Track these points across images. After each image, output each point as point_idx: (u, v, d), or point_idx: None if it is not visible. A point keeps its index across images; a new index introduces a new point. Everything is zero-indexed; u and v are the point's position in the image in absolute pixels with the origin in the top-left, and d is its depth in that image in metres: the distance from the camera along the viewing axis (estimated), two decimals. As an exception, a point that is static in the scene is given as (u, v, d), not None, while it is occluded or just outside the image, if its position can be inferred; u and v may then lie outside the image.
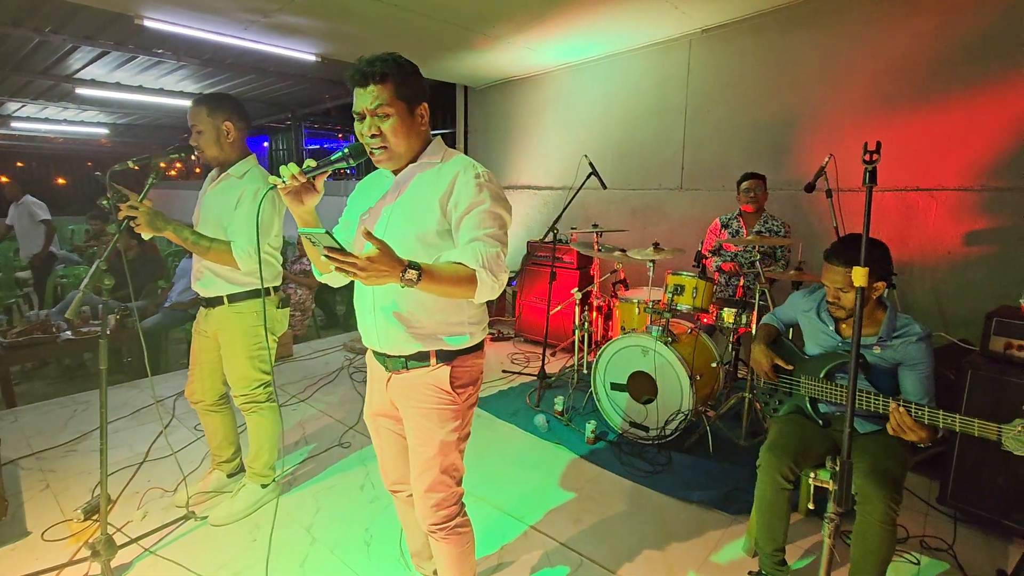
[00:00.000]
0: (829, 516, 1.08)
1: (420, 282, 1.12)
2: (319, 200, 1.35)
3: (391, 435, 1.59)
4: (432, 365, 1.42)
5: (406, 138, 1.35)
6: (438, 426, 1.43)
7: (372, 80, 1.29)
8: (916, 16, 3.32)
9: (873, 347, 1.78)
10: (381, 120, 1.31)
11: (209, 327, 2.20)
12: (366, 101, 1.30)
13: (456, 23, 4.01)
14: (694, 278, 3.04)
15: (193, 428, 3.09)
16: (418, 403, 1.44)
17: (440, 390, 1.42)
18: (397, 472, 1.64)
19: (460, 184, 1.33)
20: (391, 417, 1.56)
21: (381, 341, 1.43)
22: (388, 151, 1.34)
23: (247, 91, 7.59)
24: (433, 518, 1.47)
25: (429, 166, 1.40)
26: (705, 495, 2.43)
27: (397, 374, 1.46)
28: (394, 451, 1.61)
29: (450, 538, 1.50)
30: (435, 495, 1.46)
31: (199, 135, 2.06)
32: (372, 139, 1.32)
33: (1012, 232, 3.12)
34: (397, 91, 1.31)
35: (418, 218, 1.35)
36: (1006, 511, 2.12)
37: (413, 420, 1.46)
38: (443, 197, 1.33)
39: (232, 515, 2.24)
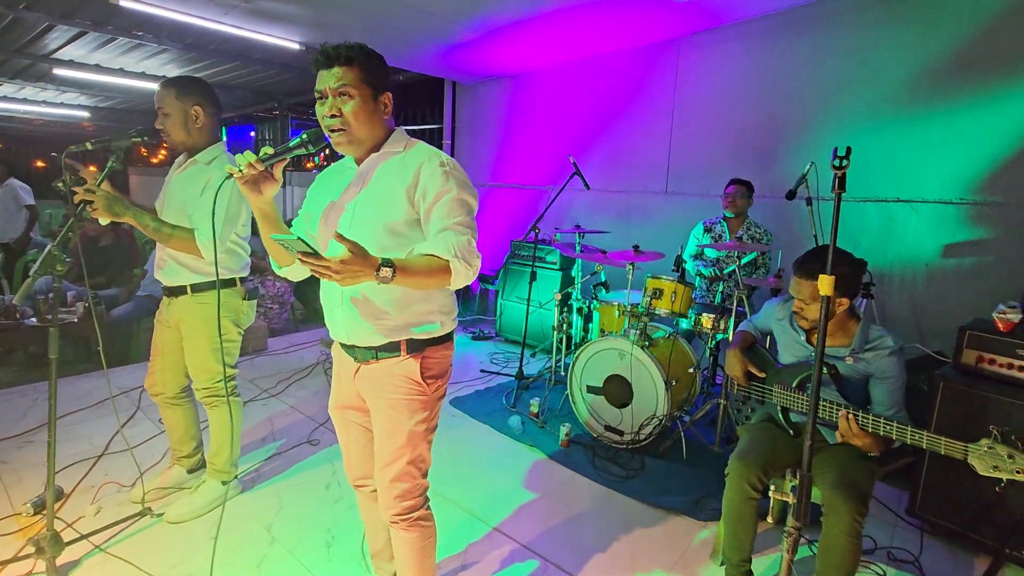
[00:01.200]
0: (787, 530, 1.06)
1: (395, 278, 1.13)
2: (277, 190, 1.31)
3: (357, 428, 1.57)
4: (402, 356, 1.41)
5: (367, 123, 1.33)
6: (407, 417, 1.42)
7: (337, 62, 1.28)
8: (898, 27, 3.33)
9: (845, 358, 1.77)
10: (342, 102, 1.29)
11: (171, 317, 2.13)
12: (329, 81, 1.28)
13: (443, 16, 3.95)
14: (673, 282, 3.02)
15: (157, 421, 3.00)
16: (387, 394, 1.42)
17: (410, 380, 1.41)
18: (362, 467, 1.61)
19: (426, 174, 1.32)
20: (358, 409, 1.54)
21: (350, 334, 1.41)
22: (347, 134, 1.31)
23: (232, 79, 7.43)
24: (396, 508, 1.45)
25: (392, 155, 1.38)
26: (676, 501, 2.41)
27: (367, 364, 1.44)
28: (360, 444, 1.59)
29: (412, 529, 1.48)
30: (400, 485, 1.44)
31: (165, 117, 1.99)
32: (331, 119, 1.30)
33: (989, 246, 3.14)
34: (362, 75, 1.30)
35: (385, 209, 1.33)
36: (972, 524, 2.12)
37: (381, 411, 1.44)
38: (409, 188, 1.32)
39: (190, 512, 2.17)
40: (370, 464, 1.59)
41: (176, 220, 1.98)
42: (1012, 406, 2.02)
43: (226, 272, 2.09)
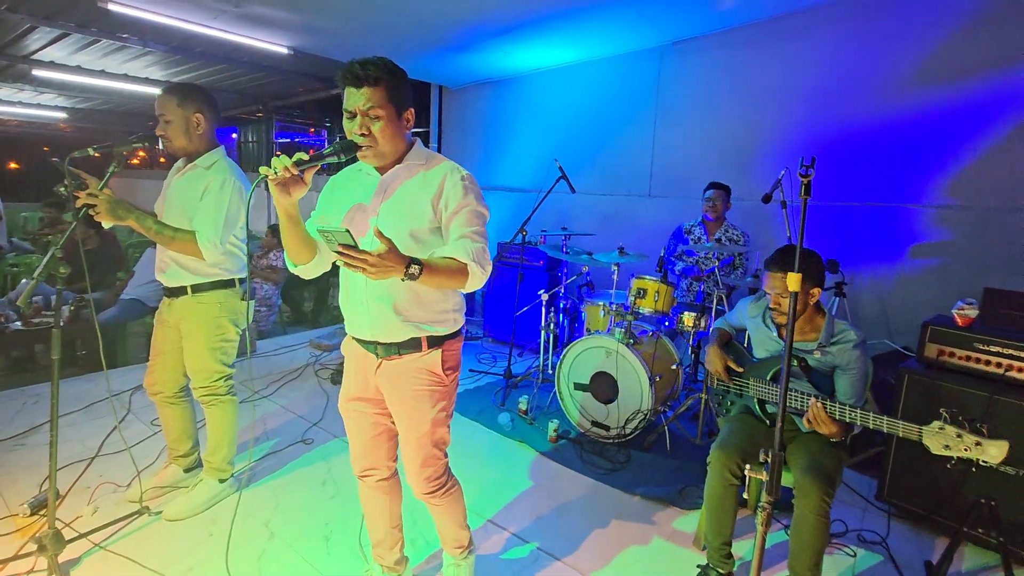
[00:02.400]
0: (762, 505, 1.16)
1: (421, 276, 1.25)
2: (305, 193, 1.40)
3: (367, 420, 1.65)
4: (424, 351, 1.53)
5: (393, 140, 1.42)
6: (430, 406, 1.56)
7: (367, 83, 1.36)
8: (868, 40, 3.50)
9: (814, 352, 1.89)
10: (372, 121, 1.38)
11: (171, 317, 2.18)
12: (359, 101, 1.36)
13: (432, 22, 4.04)
14: (656, 282, 3.14)
15: (150, 423, 3.03)
16: (411, 387, 1.55)
17: (432, 374, 1.55)
18: (369, 458, 1.69)
19: (448, 186, 1.45)
20: (372, 402, 1.63)
21: (374, 331, 1.51)
22: (375, 150, 1.41)
23: (216, 81, 7.42)
24: (427, 488, 1.63)
25: (415, 169, 1.49)
26: (661, 491, 2.52)
27: (389, 360, 1.54)
28: (368, 437, 1.67)
29: (443, 500, 1.68)
30: (428, 469, 1.62)
31: (167, 124, 2.04)
32: (361, 138, 1.39)
33: (951, 247, 3.32)
34: (388, 95, 1.38)
35: (411, 216, 1.45)
36: (935, 507, 2.27)
37: (405, 403, 1.56)
38: (434, 197, 1.45)
39: (188, 510, 2.21)
40: (376, 455, 1.69)
41: (177, 223, 2.03)
42: (969, 395, 2.17)
43: (225, 273, 2.14)
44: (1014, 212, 3.11)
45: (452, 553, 1.83)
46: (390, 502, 1.76)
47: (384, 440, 1.68)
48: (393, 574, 1.82)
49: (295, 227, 1.43)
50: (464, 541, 1.82)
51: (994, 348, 2.18)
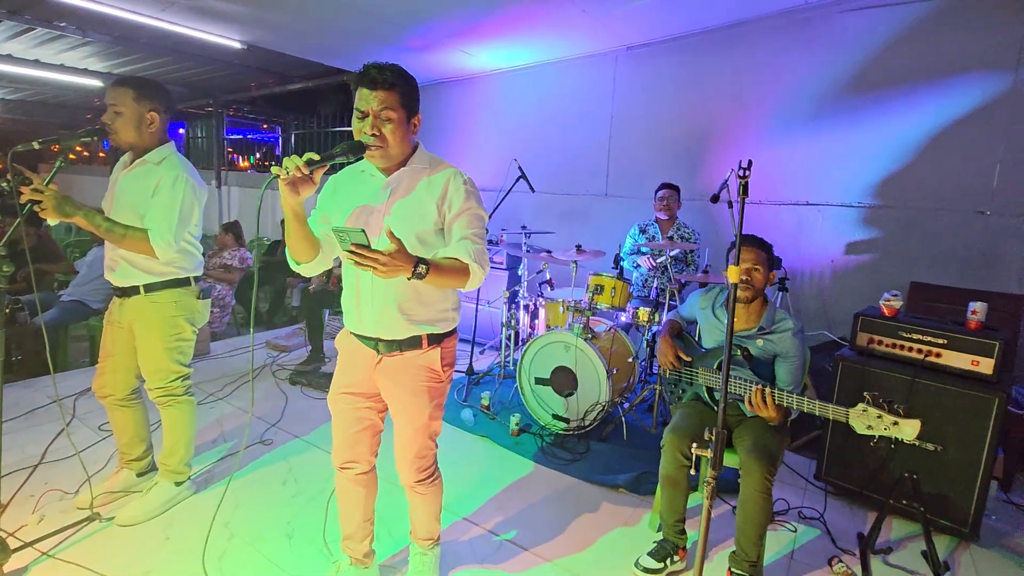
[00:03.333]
0: (707, 480, 1.26)
1: (428, 276, 1.31)
2: (312, 192, 1.43)
3: (355, 414, 1.69)
4: (424, 348, 1.60)
5: (401, 143, 1.49)
6: (427, 401, 1.63)
7: (382, 86, 1.41)
8: (805, 51, 3.74)
9: (756, 339, 2.03)
10: (383, 123, 1.44)
11: (123, 317, 2.12)
12: (372, 103, 1.42)
13: (389, 20, 4.03)
14: (613, 279, 3.25)
15: (97, 428, 2.92)
16: (410, 382, 1.61)
17: (431, 370, 1.62)
18: (352, 451, 1.73)
19: (452, 190, 1.53)
20: (362, 396, 1.67)
21: (376, 328, 1.56)
22: (384, 151, 1.46)
23: (162, 73, 7.12)
24: (419, 476, 1.71)
25: (420, 172, 1.55)
26: (618, 478, 2.63)
27: (390, 356, 1.60)
28: (356, 429, 1.70)
29: (429, 489, 1.75)
30: (420, 460, 1.70)
31: (117, 116, 1.97)
32: (372, 138, 1.43)
33: (881, 244, 3.59)
34: (401, 99, 1.45)
35: (418, 218, 1.51)
36: (866, 483, 2.46)
37: (404, 398, 1.63)
38: (438, 200, 1.52)
39: (143, 514, 2.16)
40: (359, 449, 1.72)
41: (127, 220, 1.97)
42: (895, 379, 2.37)
43: (180, 271, 2.10)
44: (936, 211, 3.39)
45: (421, 544, 1.88)
46: (366, 495, 1.79)
47: (369, 435, 1.72)
48: (361, 567, 1.85)
49: (301, 226, 1.46)
50: (435, 534, 1.89)
51: (915, 336, 2.38)
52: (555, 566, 2.04)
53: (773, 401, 1.83)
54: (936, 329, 2.35)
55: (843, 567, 2.04)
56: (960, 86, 3.26)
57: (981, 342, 2.25)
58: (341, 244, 1.23)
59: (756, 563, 1.86)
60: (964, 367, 2.27)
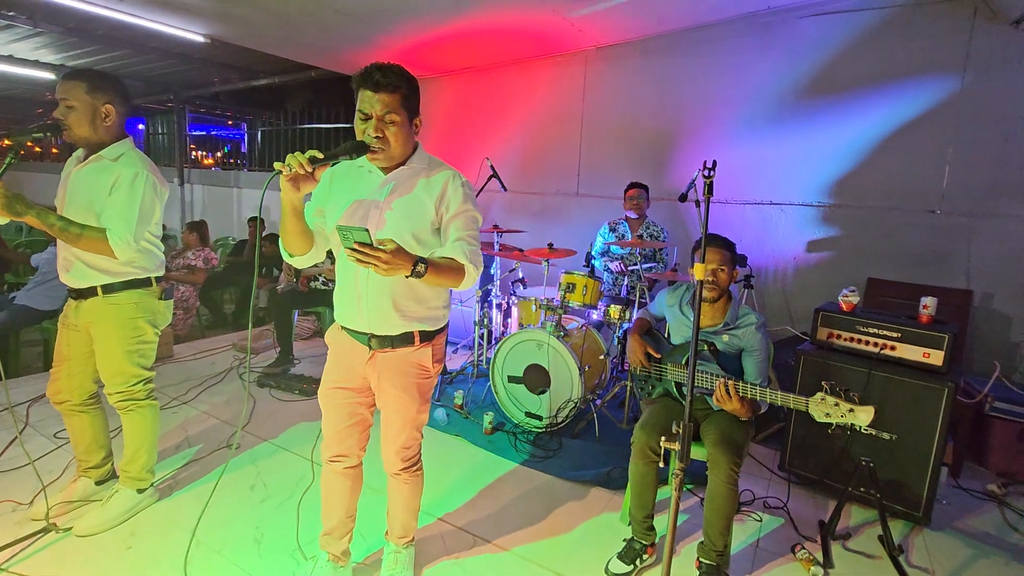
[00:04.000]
0: (675, 472, 1.29)
1: (426, 274, 1.35)
2: (313, 188, 1.45)
3: (346, 408, 1.70)
4: (416, 345, 1.64)
5: (404, 143, 1.51)
6: (417, 395, 1.67)
7: (386, 89, 1.43)
8: (768, 54, 3.85)
9: (722, 334, 2.09)
10: (387, 125, 1.46)
11: (80, 320, 2.04)
12: (376, 106, 1.43)
13: (357, 17, 3.98)
14: (584, 277, 3.28)
15: (53, 436, 2.80)
16: (401, 378, 1.64)
17: (422, 367, 1.67)
18: (342, 444, 1.74)
19: (451, 191, 1.56)
20: (355, 391, 1.69)
21: (370, 324, 1.59)
22: (387, 152, 1.48)
23: (119, 67, 6.85)
24: (404, 465, 1.76)
25: (419, 172, 1.57)
26: (590, 474, 2.66)
27: (382, 352, 1.62)
28: (345, 425, 1.72)
29: (412, 478, 1.79)
30: (407, 449, 1.75)
31: (69, 110, 1.89)
32: (376, 140, 1.45)
33: (840, 242, 3.72)
34: (404, 101, 1.47)
35: (415, 218, 1.53)
36: (827, 473, 2.55)
37: (394, 392, 1.65)
38: (436, 200, 1.55)
39: (102, 523, 2.08)
40: (348, 443, 1.74)
41: (82, 219, 1.89)
42: (853, 371, 2.47)
43: (141, 271, 2.04)
44: (891, 210, 3.53)
45: (396, 542, 1.89)
46: (351, 490, 1.81)
47: (359, 429, 1.74)
48: (337, 564, 1.85)
49: (299, 220, 1.48)
50: (411, 532, 1.91)
51: (872, 330, 2.49)
52: (527, 561, 2.06)
53: (738, 394, 1.89)
54: (890, 323, 2.45)
55: (806, 553, 2.11)
56: (911, 91, 3.41)
57: (931, 335, 2.36)
58: (344, 242, 1.25)
59: (723, 552, 1.91)
60: (916, 359, 2.38)
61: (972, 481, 2.78)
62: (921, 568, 2.13)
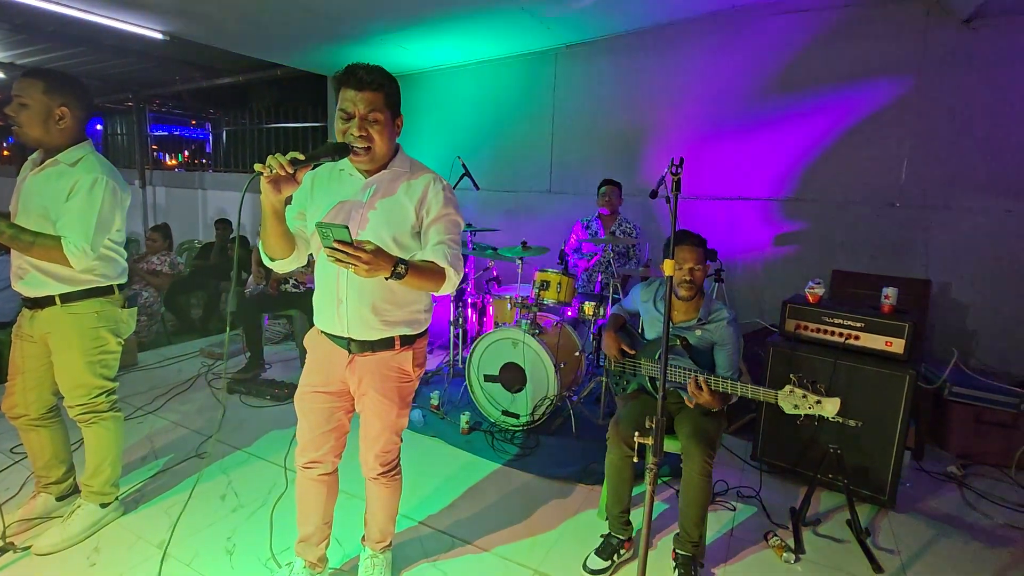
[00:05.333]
0: (649, 467, 1.31)
1: (406, 276, 1.33)
2: (294, 191, 1.41)
3: (323, 413, 1.67)
4: (397, 349, 1.61)
5: (388, 143, 1.49)
6: (397, 399, 1.66)
7: (370, 87, 1.41)
8: (733, 52, 3.92)
9: (695, 329, 2.12)
10: (371, 124, 1.43)
11: (35, 331, 1.95)
12: (360, 105, 1.41)
13: (323, 14, 3.90)
14: (558, 274, 3.30)
15: (9, 451, 2.68)
16: (382, 382, 1.62)
17: (403, 371, 1.65)
18: (316, 450, 1.71)
19: (432, 194, 1.54)
20: (332, 395, 1.66)
21: (350, 327, 1.56)
22: (371, 152, 1.46)
23: (74, 65, 6.57)
24: (382, 469, 1.75)
25: (400, 175, 1.56)
26: (567, 471, 2.68)
27: (362, 356, 1.60)
28: (323, 429, 1.69)
29: (391, 482, 1.78)
30: (386, 454, 1.74)
31: (22, 108, 1.81)
32: (359, 140, 1.42)
33: (806, 235, 3.82)
34: (386, 100, 1.45)
35: (395, 221, 1.52)
36: (797, 461, 2.62)
37: (374, 397, 1.63)
38: (417, 204, 1.53)
39: (64, 540, 2.00)
40: (324, 448, 1.71)
41: (36, 226, 1.82)
42: (819, 362, 2.54)
43: (102, 279, 1.96)
44: (854, 204, 3.65)
45: (373, 547, 1.88)
46: (327, 496, 1.78)
47: (335, 435, 1.71)
48: (315, 570, 1.82)
49: (279, 223, 1.46)
50: (388, 537, 1.90)
51: (837, 320, 2.56)
52: (507, 561, 2.06)
53: (709, 387, 1.92)
54: (854, 314, 2.53)
55: (778, 540, 2.16)
56: (870, 88, 3.52)
57: (893, 324, 2.44)
58: (323, 241, 1.22)
59: (699, 543, 1.94)
60: (879, 348, 2.46)
61: (933, 463, 2.89)
62: (887, 550, 2.21)
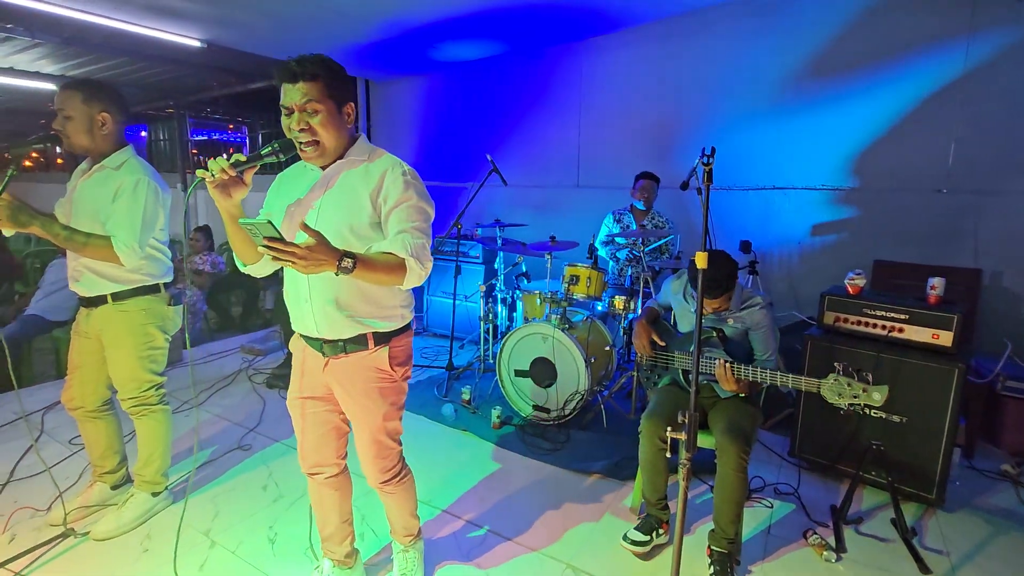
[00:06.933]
0: (682, 462, 1.29)
1: (355, 270, 1.23)
2: (246, 194, 1.39)
3: (316, 418, 1.65)
4: (371, 348, 1.53)
5: (335, 134, 1.41)
6: (380, 401, 1.58)
7: (303, 78, 1.35)
8: (767, 36, 3.80)
9: (728, 320, 2.08)
10: (310, 116, 1.37)
11: (91, 328, 2.06)
12: (295, 97, 1.35)
13: (353, 15, 3.97)
14: (588, 268, 3.28)
15: (68, 443, 2.84)
16: (360, 383, 1.55)
17: (380, 371, 1.56)
18: (318, 454, 1.69)
19: (389, 181, 1.43)
20: (320, 400, 1.63)
21: (320, 327, 1.50)
22: (319, 146, 1.40)
23: (118, 75, 6.86)
24: (383, 477, 1.67)
25: (357, 163, 1.47)
26: (599, 465, 2.66)
27: (336, 358, 1.54)
28: (319, 433, 1.66)
29: (397, 488, 1.72)
30: (382, 460, 1.66)
31: (67, 120, 1.91)
32: (301, 133, 1.37)
33: (845, 224, 3.69)
34: (326, 90, 1.38)
35: (350, 211, 1.43)
36: (838, 457, 2.54)
37: (355, 399, 1.57)
38: (373, 192, 1.43)
39: (119, 527, 2.12)
40: (326, 453, 1.69)
41: (88, 228, 1.92)
42: (861, 355, 2.45)
43: (148, 278, 2.05)
44: (897, 191, 3.49)
45: (401, 541, 1.87)
46: (340, 498, 1.76)
47: (333, 438, 1.68)
48: (344, 567, 1.83)
49: (239, 229, 1.41)
50: (414, 530, 1.87)
51: (879, 312, 2.47)
52: (540, 555, 2.07)
53: (733, 374, 1.89)
54: (898, 305, 2.43)
55: (818, 539, 2.11)
56: (915, 68, 3.36)
57: (940, 316, 2.33)
58: (255, 240, 1.16)
59: (734, 540, 1.91)
60: (925, 341, 2.36)
61: (985, 461, 2.76)
62: (935, 550, 2.12)
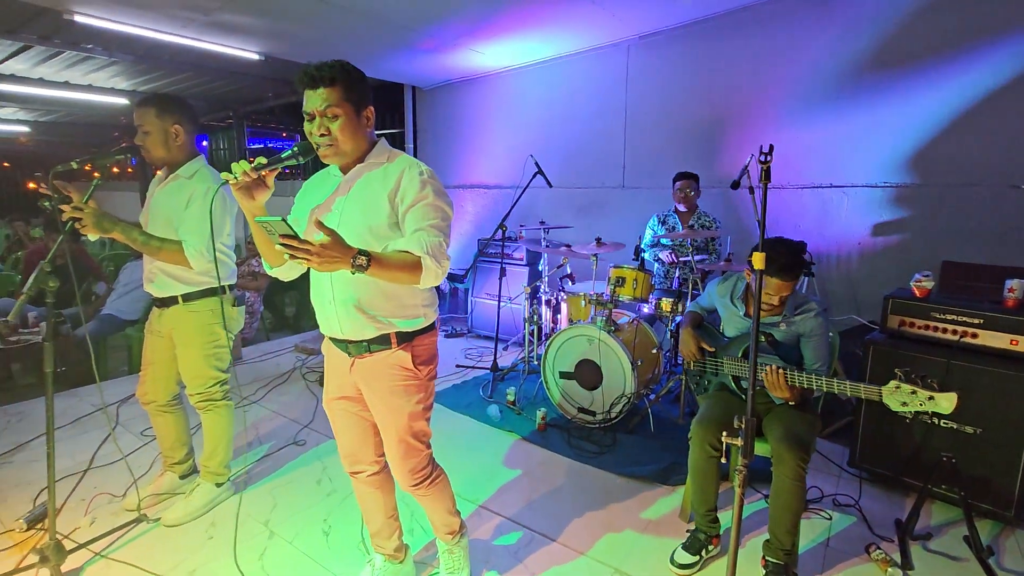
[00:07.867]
0: (738, 468, 1.26)
1: (370, 267, 1.24)
2: (269, 196, 1.44)
3: (351, 417, 1.69)
4: (394, 347, 1.55)
5: (353, 138, 1.46)
6: (405, 401, 1.58)
7: (322, 83, 1.39)
8: (823, 29, 3.65)
9: (779, 324, 2.01)
10: (330, 121, 1.41)
11: (163, 327, 2.21)
12: (316, 103, 1.40)
13: (398, 24, 4.07)
14: (634, 270, 3.24)
15: (140, 434, 3.03)
16: (385, 382, 1.57)
17: (404, 369, 1.57)
18: (357, 455, 1.73)
19: (406, 181, 1.47)
20: (352, 400, 1.66)
21: (343, 328, 1.53)
22: (336, 148, 1.44)
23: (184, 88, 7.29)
24: (412, 480, 1.67)
25: (376, 166, 1.52)
26: (646, 470, 2.62)
27: (360, 358, 1.57)
28: (354, 433, 1.70)
29: (429, 491, 1.72)
30: (409, 461, 1.65)
31: (145, 135, 2.06)
32: (321, 138, 1.42)
33: (910, 223, 3.49)
34: (345, 94, 1.41)
35: (370, 212, 1.47)
36: (903, 469, 2.41)
37: (381, 399, 1.59)
38: (391, 192, 1.46)
39: (187, 515, 2.25)
40: (364, 452, 1.73)
41: (163, 233, 2.05)
42: (928, 362, 2.31)
43: (215, 281, 2.17)
44: (967, 187, 3.28)
45: (444, 539, 1.88)
46: (383, 495, 1.80)
47: (371, 437, 1.71)
48: (394, 561, 1.88)
49: (263, 232, 1.44)
50: (455, 527, 1.86)
51: (950, 316, 2.33)
52: (587, 558, 2.06)
53: (786, 381, 1.82)
54: (971, 309, 2.28)
55: (881, 554, 2.01)
56: (986, 55, 3.15)
57: (1020, 320, 2.18)
58: (272, 239, 1.19)
59: (791, 551, 1.84)
60: (1002, 347, 2.21)
61: (1071, 478, 2.55)
62: (1015, 572, 1.98)
